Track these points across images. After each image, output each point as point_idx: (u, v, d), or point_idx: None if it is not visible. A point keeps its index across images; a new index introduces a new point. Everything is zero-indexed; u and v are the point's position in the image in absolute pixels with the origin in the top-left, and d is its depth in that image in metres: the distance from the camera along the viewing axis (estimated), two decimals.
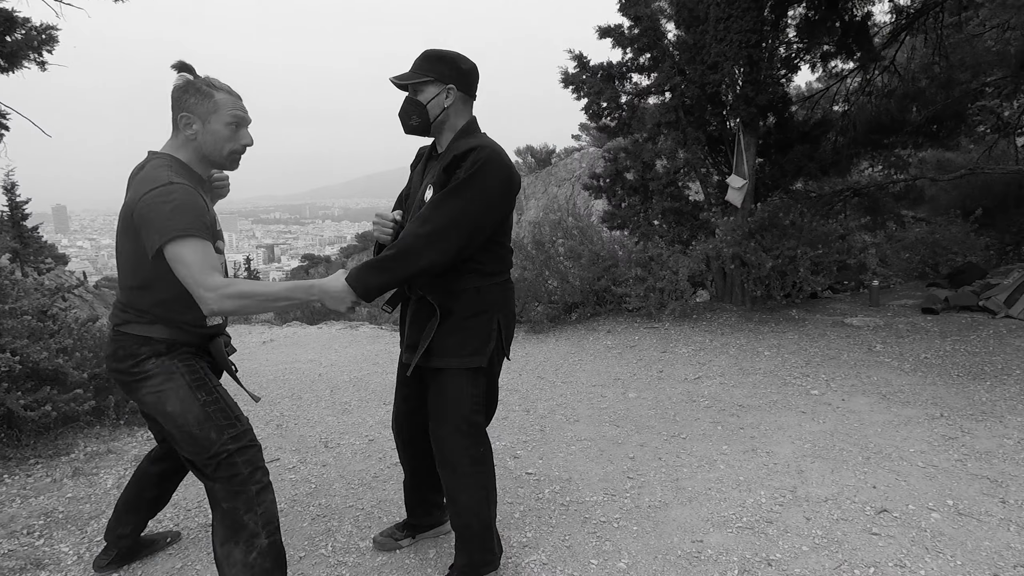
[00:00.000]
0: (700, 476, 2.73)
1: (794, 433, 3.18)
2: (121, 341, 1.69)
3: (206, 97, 1.65)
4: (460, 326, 1.79)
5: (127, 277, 1.67)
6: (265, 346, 7.47)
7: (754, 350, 4.82)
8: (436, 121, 1.76)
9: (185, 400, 1.65)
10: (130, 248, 1.63)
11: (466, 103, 1.80)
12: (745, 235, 5.77)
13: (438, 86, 1.73)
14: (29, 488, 2.76)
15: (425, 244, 1.63)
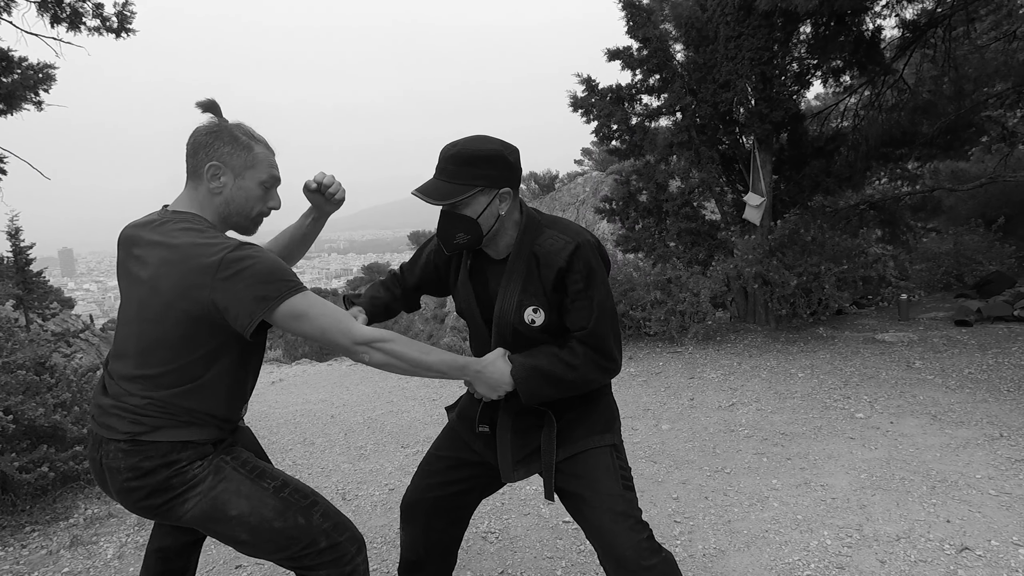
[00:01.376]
0: (753, 516, 2.51)
1: (847, 462, 2.96)
2: (146, 452, 1.32)
3: (244, 149, 1.41)
4: (582, 412, 1.54)
5: (166, 374, 1.33)
6: (274, 387, 7.28)
7: (787, 372, 4.60)
8: (493, 232, 1.45)
9: (252, 495, 1.35)
10: (176, 335, 1.31)
11: (516, 196, 1.47)
12: (766, 253, 5.61)
13: (488, 193, 1.40)
14: (23, 562, 2.55)
15: (595, 367, 1.44)
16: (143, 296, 1.34)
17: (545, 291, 1.43)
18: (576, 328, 1.43)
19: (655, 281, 5.99)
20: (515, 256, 1.46)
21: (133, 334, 1.36)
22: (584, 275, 1.40)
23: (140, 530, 2.86)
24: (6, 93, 4.91)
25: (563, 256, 1.40)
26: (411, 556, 1.72)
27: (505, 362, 1.45)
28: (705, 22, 5.50)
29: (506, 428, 1.56)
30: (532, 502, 2.81)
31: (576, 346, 1.43)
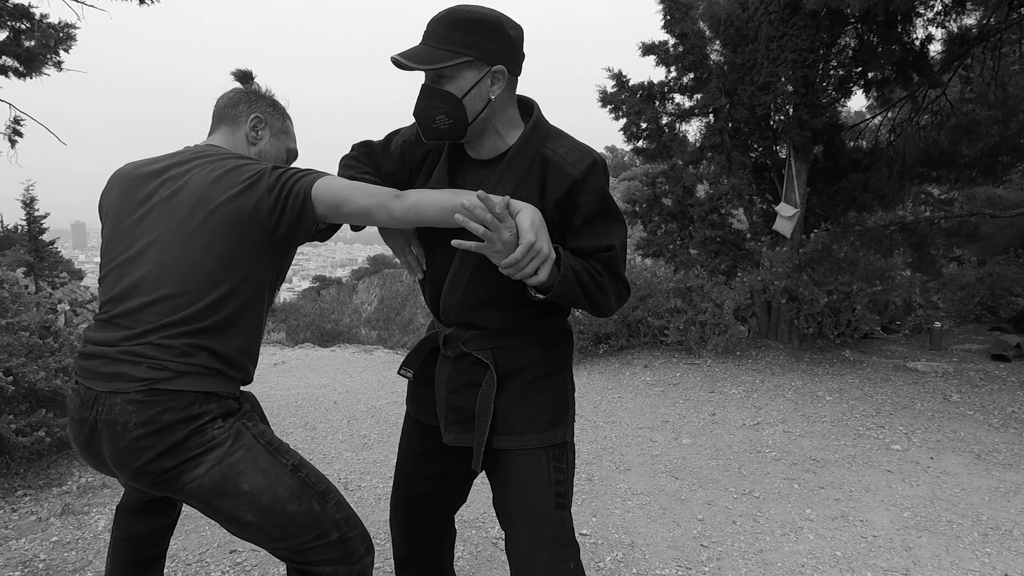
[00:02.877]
0: (787, 548, 2.28)
1: (886, 497, 2.72)
2: (165, 403, 1.14)
3: (281, 115, 1.47)
4: (529, 390, 1.29)
5: (198, 308, 1.18)
6: (276, 368, 7.10)
7: (813, 394, 4.35)
8: (477, 121, 1.19)
9: (269, 469, 1.19)
10: (213, 253, 1.19)
11: (513, 86, 1.22)
12: (796, 268, 5.36)
13: (479, 69, 1.15)
14: (11, 527, 2.38)
15: (617, 294, 1.26)
16: (173, 220, 1.22)
17: (543, 200, 1.19)
18: (592, 249, 1.21)
19: (675, 288, 5.75)
20: (515, 154, 1.20)
21: (153, 267, 1.20)
22: (599, 197, 1.20)
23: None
24: (27, 55, 4.75)
25: (580, 168, 1.17)
26: (398, 553, 1.55)
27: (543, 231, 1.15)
28: (746, 20, 5.26)
29: (442, 382, 1.35)
30: None
31: (599, 266, 1.22)
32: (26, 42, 4.91)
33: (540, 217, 1.14)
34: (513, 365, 1.29)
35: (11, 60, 4.83)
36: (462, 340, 1.31)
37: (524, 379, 1.29)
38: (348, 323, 13.81)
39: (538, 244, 1.10)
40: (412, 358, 1.41)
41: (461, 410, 1.31)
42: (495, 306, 1.27)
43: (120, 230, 1.27)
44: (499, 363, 1.28)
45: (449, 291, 1.29)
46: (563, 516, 1.27)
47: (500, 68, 1.16)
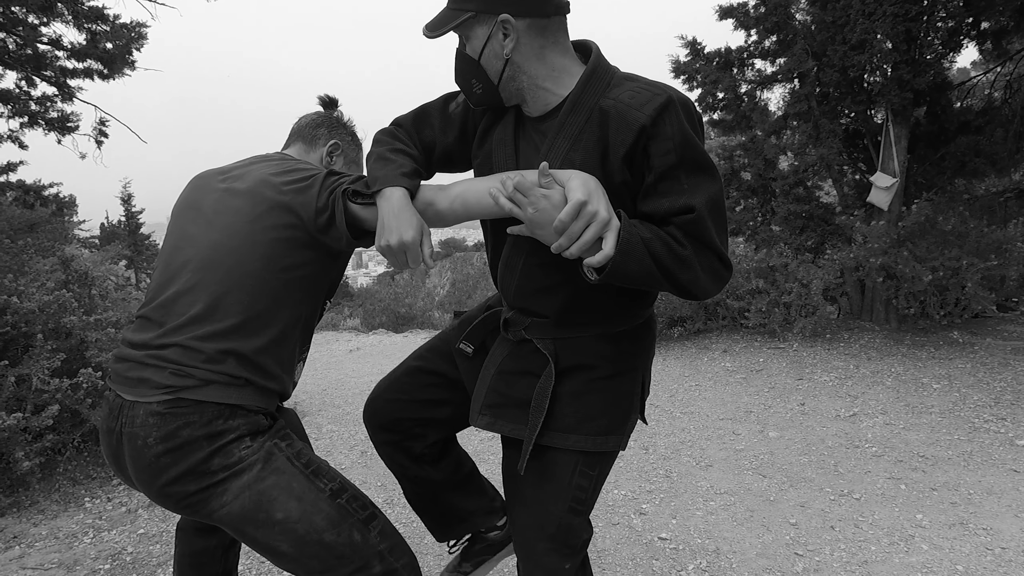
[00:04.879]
0: (897, 560, 2.06)
1: (1013, 502, 2.42)
2: (187, 416, 1.08)
3: (358, 147, 1.52)
4: (588, 388, 1.16)
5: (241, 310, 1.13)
6: (351, 355, 7.34)
7: (917, 381, 3.97)
8: (504, 80, 1.06)
9: (305, 495, 1.11)
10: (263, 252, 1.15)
11: (547, 29, 1.04)
12: (894, 243, 4.88)
13: (486, 23, 1.03)
14: (105, 518, 2.55)
15: (711, 272, 1.02)
16: (225, 215, 1.19)
17: (607, 161, 1.01)
18: (667, 211, 0.99)
19: (757, 268, 5.41)
20: (568, 109, 1.04)
21: (195, 257, 1.17)
22: (679, 142, 0.97)
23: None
24: (108, 57, 5.03)
25: (648, 110, 0.97)
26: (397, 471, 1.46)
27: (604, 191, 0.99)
28: None
29: (494, 362, 1.24)
30: (621, 510, 2.49)
31: (679, 234, 0.99)
32: (105, 44, 5.18)
33: (595, 182, 0.97)
34: (577, 361, 1.16)
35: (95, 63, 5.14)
36: (523, 325, 1.19)
37: (586, 376, 1.17)
38: (421, 306, 14.13)
39: (591, 205, 0.93)
40: (474, 334, 1.30)
41: (505, 396, 1.21)
42: (556, 294, 1.14)
43: (175, 226, 1.27)
44: (560, 357, 1.16)
45: (504, 276, 1.19)
46: (573, 520, 1.19)
47: (505, 17, 1.01)
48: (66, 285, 3.45)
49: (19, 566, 2.18)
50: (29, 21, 4.97)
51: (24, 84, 5.47)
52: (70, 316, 2.92)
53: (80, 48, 5.18)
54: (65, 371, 2.82)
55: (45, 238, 6.56)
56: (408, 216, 1.08)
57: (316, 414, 4.28)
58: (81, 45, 5.18)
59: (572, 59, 1.09)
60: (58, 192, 7.34)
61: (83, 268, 3.67)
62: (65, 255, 3.90)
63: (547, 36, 1.05)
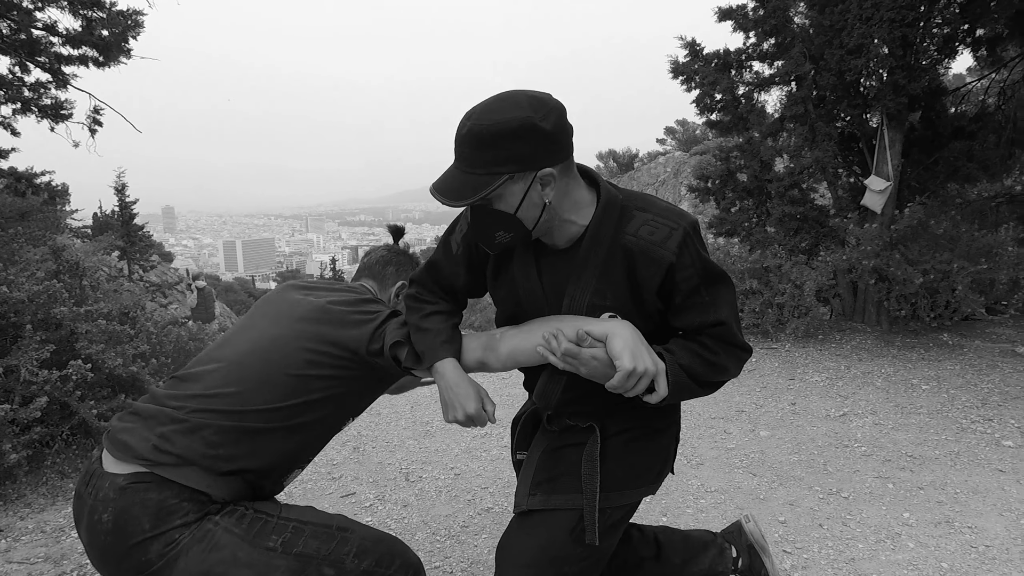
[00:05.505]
0: (883, 558, 2.09)
1: (998, 501, 2.45)
2: (145, 492, 1.06)
3: None
4: (633, 448, 1.27)
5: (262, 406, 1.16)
6: None
7: (907, 382, 4.01)
8: (539, 225, 1.10)
9: (254, 561, 1.07)
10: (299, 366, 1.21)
11: (570, 167, 1.09)
12: (887, 245, 4.92)
13: (524, 179, 1.04)
14: None
15: (735, 361, 1.18)
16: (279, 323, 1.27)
17: (638, 294, 1.12)
18: (699, 326, 1.15)
19: (751, 269, 5.44)
20: (590, 246, 1.12)
21: (238, 360, 1.22)
22: (699, 269, 1.11)
23: None
24: (104, 45, 4.98)
25: (671, 248, 1.08)
26: None
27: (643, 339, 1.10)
28: None
29: (539, 447, 1.34)
30: None
31: (710, 342, 1.15)
32: (100, 31, 5.12)
33: (634, 335, 1.08)
34: (620, 427, 1.27)
35: (90, 50, 5.08)
36: (567, 415, 1.29)
37: (629, 436, 1.27)
38: None
39: (639, 368, 1.04)
40: (522, 441, 1.42)
41: (552, 471, 1.28)
42: (600, 395, 1.18)
43: (247, 316, 1.35)
44: (606, 427, 1.27)
45: (547, 390, 1.28)
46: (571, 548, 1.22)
47: (548, 172, 1.04)
48: (57, 275, 3.42)
49: (5, 560, 2.17)
50: (23, 6, 4.92)
51: (17, 70, 5.41)
52: (60, 307, 2.89)
53: (75, 34, 5.12)
54: (54, 362, 2.78)
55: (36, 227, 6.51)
56: (464, 388, 1.20)
57: None
58: (76, 31, 5.12)
59: (585, 188, 1.15)
60: (50, 180, 7.28)
61: (74, 258, 3.64)
62: (56, 244, 3.87)
63: (570, 173, 1.10)
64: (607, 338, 1.06)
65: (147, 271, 13.02)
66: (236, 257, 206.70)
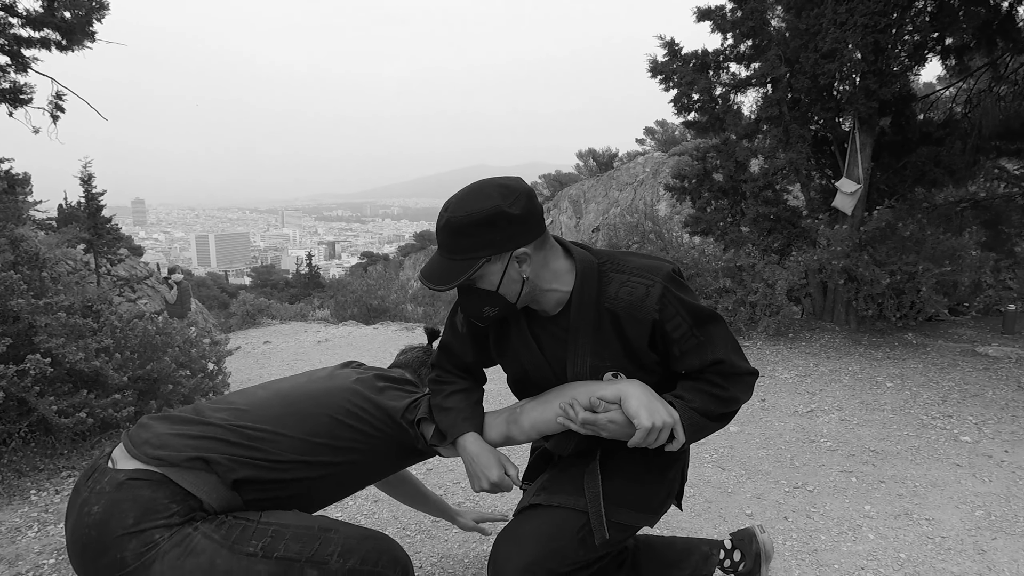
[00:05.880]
0: (845, 549, 2.14)
1: (955, 494, 2.53)
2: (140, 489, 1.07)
3: None
4: (635, 473, 1.34)
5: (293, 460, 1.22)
6: (320, 346, 7.26)
7: (872, 380, 4.11)
8: (526, 295, 1.20)
9: (233, 567, 1.06)
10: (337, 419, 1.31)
11: (546, 241, 1.20)
12: (856, 247, 5.04)
13: (500, 260, 1.15)
14: (51, 511, 2.46)
15: (744, 387, 1.26)
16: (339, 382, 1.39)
17: (631, 351, 1.21)
18: (700, 367, 1.23)
19: (725, 268, 5.53)
20: (576, 314, 1.21)
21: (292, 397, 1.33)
22: (686, 315, 1.19)
23: None
24: (67, 27, 4.80)
25: (651, 306, 1.17)
26: None
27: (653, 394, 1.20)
28: None
29: (553, 465, 1.46)
30: None
31: (717, 379, 1.23)
32: (63, 12, 4.93)
33: (645, 391, 1.16)
34: (629, 454, 1.31)
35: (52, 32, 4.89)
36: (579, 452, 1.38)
37: (640, 459, 1.32)
38: (395, 299, 13.91)
39: (657, 423, 1.12)
40: (531, 473, 1.50)
41: (558, 477, 1.37)
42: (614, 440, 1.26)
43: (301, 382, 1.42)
44: (615, 452, 1.33)
45: (562, 442, 1.35)
46: (574, 546, 1.27)
47: (523, 252, 1.15)
48: (14, 266, 3.31)
49: None
50: None
51: None
52: (17, 299, 2.80)
53: (36, 16, 4.94)
54: (11, 357, 2.69)
55: None
56: (486, 458, 1.29)
57: None
58: (37, 13, 4.94)
59: (563, 256, 1.24)
60: (10, 169, 7.03)
61: (33, 249, 3.53)
62: (15, 235, 3.74)
63: (547, 246, 1.20)
64: (621, 400, 1.15)
65: (115, 264, 12.66)
66: (209, 251, 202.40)
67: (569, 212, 28.40)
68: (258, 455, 1.17)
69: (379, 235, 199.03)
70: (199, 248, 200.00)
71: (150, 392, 3.47)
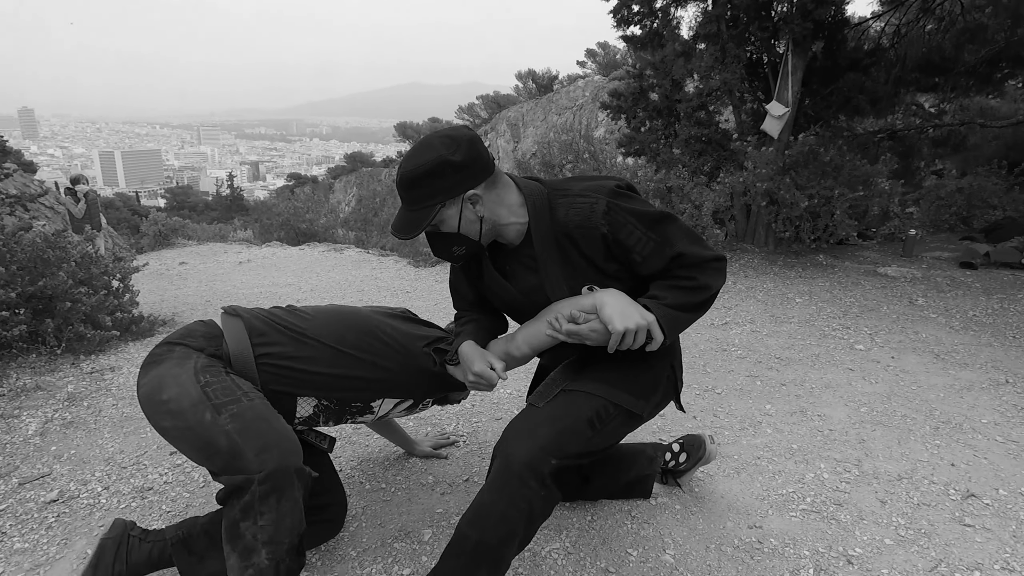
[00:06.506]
0: (745, 442, 2.30)
1: (845, 394, 2.76)
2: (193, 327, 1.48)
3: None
4: (625, 363, 1.38)
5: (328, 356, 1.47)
6: (241, 267, 6.91)
7: (784, 296, 4.36)
8: (487, 232, 1.32)
9: (184, 381, 1.30)
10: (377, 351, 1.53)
11: (497, 179, 1.29)
12: (779, 170, 5.19)
13: (453, 204, 1.26)
14: None
15: (713, 273, 1.29)
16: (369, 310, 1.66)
17: (596, 265, 1.29)
18: (665, 266, 1.28)
19: (656, 189, 5.59)
20: (539, 244, 1.31)
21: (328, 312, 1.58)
22: (635, 222, 1.25)
23: (69, 406, 2.57)
24: None
25: (598, 221, 1.24)
26: None
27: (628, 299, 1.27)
28: None
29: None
30: (505, 406, 2.58)
31: (683, 272, 1.28)
32: None
33: (619, 298, 1.23)
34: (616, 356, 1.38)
35: None
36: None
37: (621, 359, 1.37)
38: (324, 223, 13.35)
39: (630, 327, 1.19)
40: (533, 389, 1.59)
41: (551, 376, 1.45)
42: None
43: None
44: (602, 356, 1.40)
45: (559, 354, 1.46)
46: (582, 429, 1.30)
47: (472, 193, 1.25)
48: None
49: None
50: None
51: None
52: None
53: None
54: None
55: None
56: (470, 354, 1.41)
57: None
58: None
59: (516, 191, 1.33)
60: None
61: None
62: None
63: (499, 184, 1.30)
64: (597, 309, 1.23)
65: (2, 180, 11.36)
66: (116, 170, 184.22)
67: (507, 136, 27.77)
68: (293, 334, 1.45)
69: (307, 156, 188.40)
70: (104, 166, 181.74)
71: (46, 310, 3.19)
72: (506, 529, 1.22)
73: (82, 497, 1.92)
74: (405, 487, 1.95)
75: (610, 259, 1.27)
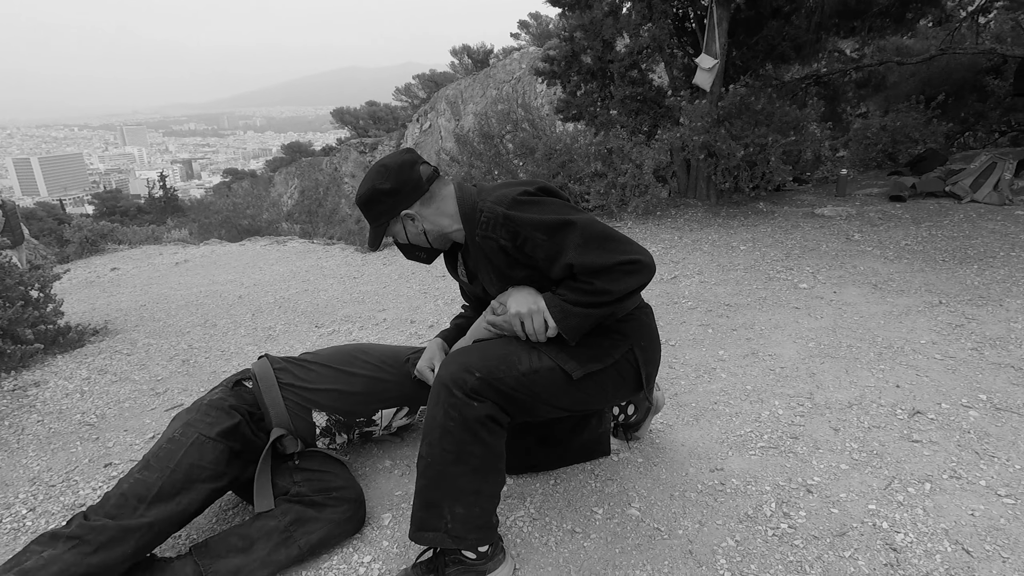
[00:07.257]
0: (701, 388, 2.33)
1: (793, 331, 2.83)
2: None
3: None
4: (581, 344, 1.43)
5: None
6: (178, 268, 6.57)
7: (728, 245, 4.44)
8: (435, 240, 1.49)
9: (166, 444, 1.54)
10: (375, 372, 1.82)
11: (433, 196, 1.46)
12: (714, 122, 5.24)
13: (396, 221, 1.47)
14: None
15: (620, 276, 1.30)
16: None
17: (507, 273, 1.40)
18: (565, 272, 1.33)
19: (596, 152, 5.56)
20: (471, 244, 1.44)
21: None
22: (536, 232, 1.30)
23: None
24: None
25: (499, 234, 1.34)
26: None
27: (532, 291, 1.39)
28: None
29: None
30: None
31: (582, 277, 1.31)
32: None
33: (523, 292, 1.37)
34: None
35: None
36: None
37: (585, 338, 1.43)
38: (267, 218, 12.81)
39: (522, 310, 1.34)
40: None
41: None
42: None
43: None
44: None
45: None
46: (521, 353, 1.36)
47: (406, 213, 1.44)
48: None
49: None
50: None
51: None
52: None
53: None
54: None
55: None
56: (426, 353, 1.71)
57: (132, 330, 3.78)
58: None
59: (452, 204, 1.46)
60: None
61: None
62: None
63: (435, 199, 1.46)
64: (506, 299, 1.39)
65: None
66: (34, 178, 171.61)
67: (447, 115, 27.25)
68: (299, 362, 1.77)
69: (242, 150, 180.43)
70: (20, 174, 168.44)
71: None
72: (452, 442, 1.28)
73: (5, 522, 1.78)
74: (362, 472, 1.88)
75: (515, 266, 1.37)
